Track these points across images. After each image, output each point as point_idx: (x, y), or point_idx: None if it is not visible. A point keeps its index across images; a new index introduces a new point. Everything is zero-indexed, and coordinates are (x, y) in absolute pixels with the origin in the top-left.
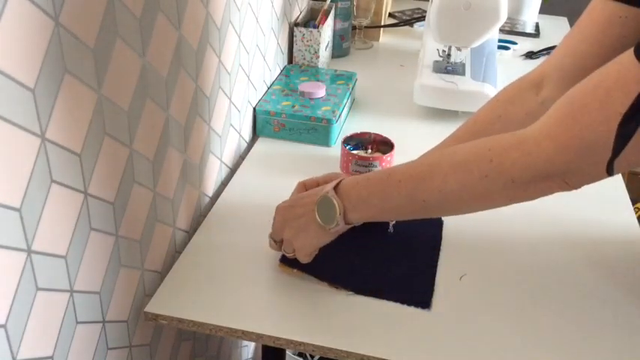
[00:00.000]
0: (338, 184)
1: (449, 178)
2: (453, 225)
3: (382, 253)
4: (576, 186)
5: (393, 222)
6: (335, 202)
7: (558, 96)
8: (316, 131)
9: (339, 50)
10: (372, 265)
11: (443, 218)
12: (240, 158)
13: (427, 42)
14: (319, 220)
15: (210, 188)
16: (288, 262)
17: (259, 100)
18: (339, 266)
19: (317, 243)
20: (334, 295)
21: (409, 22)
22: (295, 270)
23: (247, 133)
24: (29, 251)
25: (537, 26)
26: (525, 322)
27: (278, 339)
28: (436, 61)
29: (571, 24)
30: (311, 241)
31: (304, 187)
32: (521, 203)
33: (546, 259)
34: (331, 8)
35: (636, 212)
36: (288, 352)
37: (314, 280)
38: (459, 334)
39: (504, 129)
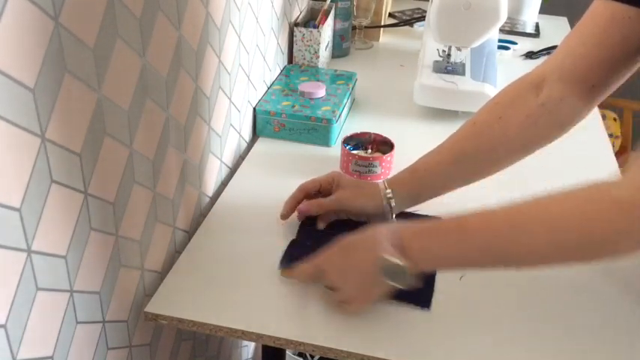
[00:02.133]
0: (397, 238)
1: (541, 239)
2: None
3: None
4: None
5: (393, 219)
6: (404, 266)
7: (558, 97)
8: (316, 131)
9: (339, 50)
10: None
11: (442, 218)
12: (240, 158)
13: (427, 42)
14: (390, 282)
15: (210, 188)
16: (288, 268)
17: (259, 100)
18: None
19: (377, 298)
20: (334, 295)
21: (409, 22)
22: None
23: (247, 133)
24: (29, 251)
25: (537, 26)
26: (525, 322)
27: (278, 339)
28: (436, 61)
29: (571, 24)
30: (371, 299)
31: (305, 193)
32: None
33: None
34: (331, 8)
35: None
36: (288, 352)
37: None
38: (459, 334)
39: (504, 131)
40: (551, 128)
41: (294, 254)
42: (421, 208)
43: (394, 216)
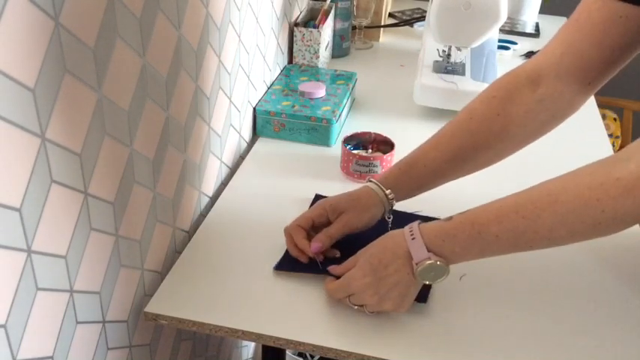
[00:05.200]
0: (423, 244)
1: (557, 229)
2: None
3: None
4: None
5: (391, 218)
6: (442, 265)
7: (556, 93)
8: (316, 131)
9: (339, 50)
10: None
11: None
12: (240, 158)
13: (427, 42)
14: (426, 281)
15: (210, 188)
16: (284, 268)
17: (259, 100)
18: (338, 261)
19: (415, 295)
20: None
21: (409, 22)
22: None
23: (247, 133)
24: (29, 251)
25: (537, 26)
26: (525, 321)
27: (278, 339)
28: (436, 61)
29: None
30: (412, 299)
31: (303, 233)
32: None
33: (546, 258)
34: (331, 8)
35: None
36: (288, 352)
37: (314, 280)
38: (459, 334)
39: (503, 128)
40: (549, 122)
41: (292, 259)
42: (423, 210)
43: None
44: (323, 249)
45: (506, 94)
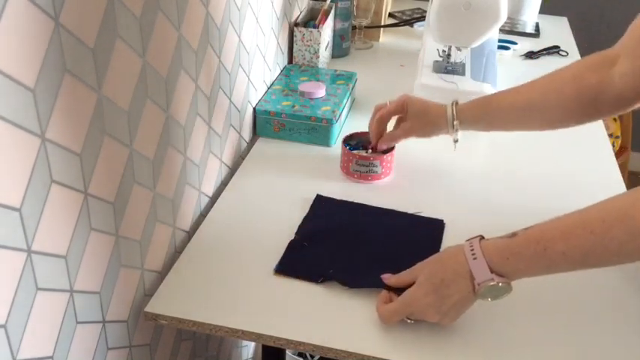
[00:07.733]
0: (486, 263)
1: (627, 245)
2: (454, 225)
3: (383, 254)
4: None
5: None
6: (505, 285)
7: (627, 72)
8: (316, 131)
9: (339, 50)
10: (372, 264)
11: (444, 219)
12: (240, 158)
13: (427, 42)
14: (489, 299)
15: (210, 188)
16: (283, 272)
17: (259, 100)
18: (339, 267)
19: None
20: (334, 295)
21: (409, 22)
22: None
23: (247, 133)
24: (29, 251)
25: (537, 26)
26: (524, 321)
27: (278, 339)
28: (436, 61)
29: (571, 24)
30: (465, 311)
31: (383, 123)
32: (521, 201)
33: None
34: (331, 8)
35: None
36: (288, 352)
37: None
38: (459, 334)
39: (576, 89)
40: (617, 100)
41: (292, 258)
42: (424, 211)
43: None
44: (387, 147)
45: (588, 64)
